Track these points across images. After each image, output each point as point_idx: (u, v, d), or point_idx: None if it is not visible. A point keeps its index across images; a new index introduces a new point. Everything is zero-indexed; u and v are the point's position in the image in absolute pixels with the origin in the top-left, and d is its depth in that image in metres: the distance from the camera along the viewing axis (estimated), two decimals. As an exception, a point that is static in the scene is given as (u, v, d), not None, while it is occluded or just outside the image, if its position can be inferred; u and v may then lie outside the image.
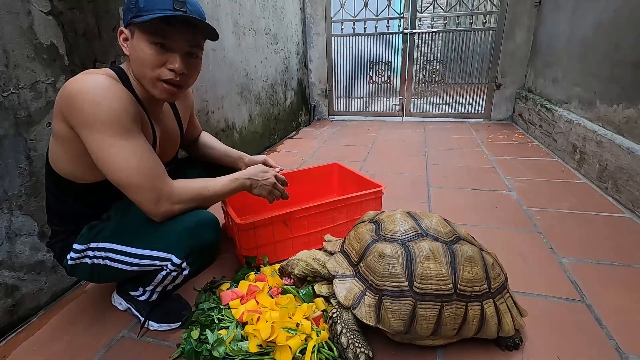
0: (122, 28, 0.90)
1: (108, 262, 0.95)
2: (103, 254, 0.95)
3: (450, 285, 0.89)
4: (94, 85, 0.82)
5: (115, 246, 0.94)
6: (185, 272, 0.95)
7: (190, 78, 0.95)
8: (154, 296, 1.05)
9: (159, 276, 0.96)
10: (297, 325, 0.95)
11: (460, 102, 4.03)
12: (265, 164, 1.33)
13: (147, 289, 1.03)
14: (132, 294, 1.07)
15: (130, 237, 0.94)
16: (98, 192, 0.96)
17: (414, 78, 4.06)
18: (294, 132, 3.76)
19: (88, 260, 0.97)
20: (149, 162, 0.87)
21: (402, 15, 3.84)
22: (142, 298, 1.06)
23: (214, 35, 0.93)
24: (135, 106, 0.88)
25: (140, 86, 0.94)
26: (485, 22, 3.71)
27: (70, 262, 0.99)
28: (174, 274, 0.95)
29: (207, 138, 1.40)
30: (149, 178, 0.86)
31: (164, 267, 0.94)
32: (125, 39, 0.90)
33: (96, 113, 0.80)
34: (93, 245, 0.96)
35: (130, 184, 0.85)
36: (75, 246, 0.97)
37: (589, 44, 2.35)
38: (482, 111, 3.94)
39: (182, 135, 1.20)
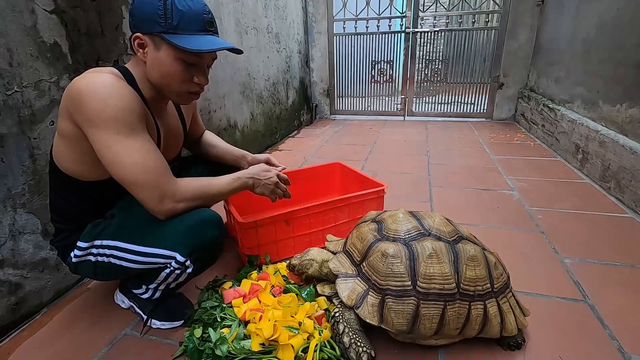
0: (140, 35, 0.88)
1: (112, 260, 0.96)
2: (107, 251, 0.96)
3: (454, 284, 0.89)
4: (101, 84, 0.82)
5: (119, 244, 0.95)
6: (189, 270, 0.95)
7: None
8: (157, 294, 1.05)
9: (163, 274, 0.97)
10: (300, 324, 0.95)
11: (463, 101, 4.02)
12: (267, 163, 1.34)
13: (150, 286, 1.03)
14: (135, 291, 1.08)
15: (134, 235, 0.94)
16: (102, 190, 0.96)
17: (416, 77, 4.05)
18: (295, 131, 3.75)
19: (92, 258, 0.98)
20: (154, 160, 0.87)
21: (404, 14, 3.84)
22: (145, 296, 1.06)
23: (238, 52, 1.03)
24: (140, 105, 0.88)
25: (146, 86, 0.95)
26: (488, 21, 3.70)
27: (74, 260, 0.99)
28: (177, 271, 0.95)
29: (210, 137, 1.40)
30: (153, 176, 0.86)
31: (168, 265, 0.94)
32: (141, 46, 0.90)
33: (102, 111, 0.81)
34: (97, 242, 0.97)
35: (134, 181, 0.85)
36: (79, 244, 0.97)
37: (592, 43, 2.34)
38: (485, 110, 3.93)
39: (186, 133, 1.21)
